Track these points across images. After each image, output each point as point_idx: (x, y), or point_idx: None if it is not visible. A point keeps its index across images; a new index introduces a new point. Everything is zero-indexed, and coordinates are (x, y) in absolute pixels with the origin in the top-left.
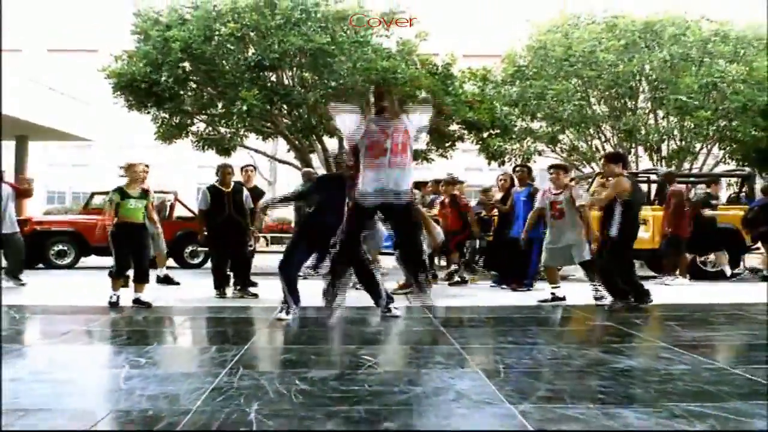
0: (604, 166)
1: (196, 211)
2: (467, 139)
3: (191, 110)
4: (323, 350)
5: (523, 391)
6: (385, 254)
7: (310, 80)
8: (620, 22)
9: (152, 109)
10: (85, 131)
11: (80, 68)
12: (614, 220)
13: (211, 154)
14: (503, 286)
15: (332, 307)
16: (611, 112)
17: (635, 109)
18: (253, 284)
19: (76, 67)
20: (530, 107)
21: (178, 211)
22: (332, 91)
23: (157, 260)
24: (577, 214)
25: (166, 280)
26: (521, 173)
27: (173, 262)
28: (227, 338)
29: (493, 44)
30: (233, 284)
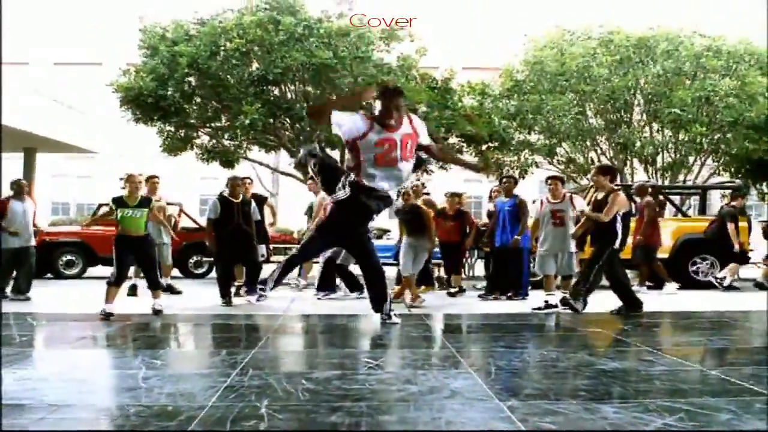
0: (593, 177)
1: (200, 222)
2: (466, 151)
3: (196, 123)
4: (327, 353)
5: (511, 389)
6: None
7: (312, 94)
8: (615, 37)
9: (158, 122)
10: (90, 143)
11: (85, 81)
12: (616, 233)
13: (214, 166)
14: (490, 297)
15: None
16: (607, 125)
17: (630, 122)
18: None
19: (81, 80)
20: (527, 120)
21: (182, 222)
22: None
23: (162, 269)
24: (572, 224)
25: (168, 289)
26: (508, 184)
27: (178, 272)
28: (236, 342)
29: (492, 57)
30: (244, 290)
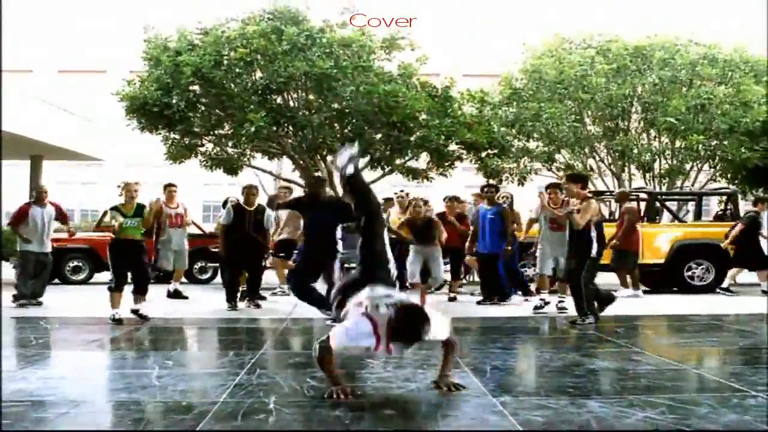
0: (564, 186)
1: (204, 228)
2: (465, 158)
3: (200, 132)
4: None
5: (505, 386)
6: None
7: (314, 103)
8: (612, 46)
9: (163, 130)
10: (95, 151)
11: (89, 89)
12: (591, 240)
13: (218, 173)
14: (486, 302)
15: None
16: (604, 132)
17: (627, 129)
18: (261, 297)
19: (85, 87)
20: (526, 128)
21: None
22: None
23: (174, 274)
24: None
25: (175, 294)
26: (490, 194)
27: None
28: (243, 344)
29: (492, 64)
30: (245, 297)
